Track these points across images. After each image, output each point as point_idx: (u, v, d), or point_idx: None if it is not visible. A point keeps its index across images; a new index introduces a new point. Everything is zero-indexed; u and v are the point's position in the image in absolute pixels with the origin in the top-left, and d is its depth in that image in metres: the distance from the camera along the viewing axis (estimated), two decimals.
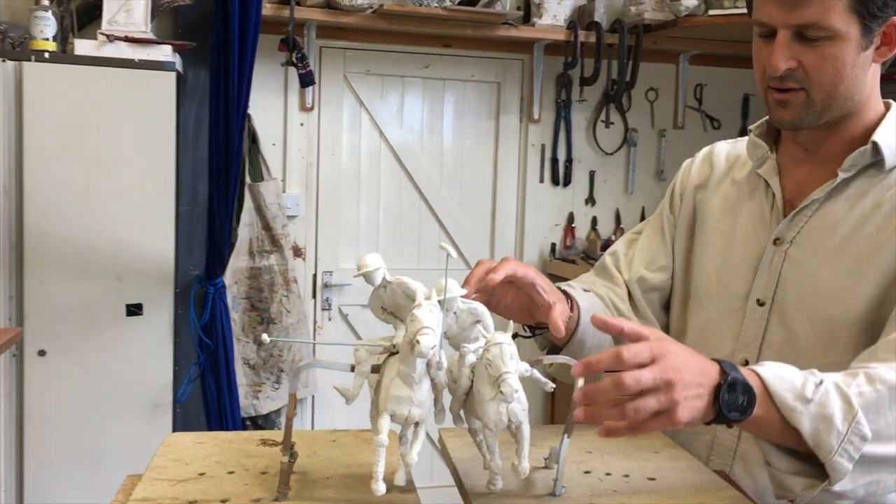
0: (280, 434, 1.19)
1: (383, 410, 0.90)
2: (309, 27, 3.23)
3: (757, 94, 3.86)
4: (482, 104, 3.58)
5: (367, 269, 0.92)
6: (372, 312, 0.97)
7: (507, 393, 0.85)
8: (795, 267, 1.18)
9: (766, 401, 0.94)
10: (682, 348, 0.92)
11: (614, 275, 1.39)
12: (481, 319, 0.95)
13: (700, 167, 1.38)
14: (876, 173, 1.16)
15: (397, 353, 0.95)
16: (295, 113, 3.35)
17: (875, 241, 1.12)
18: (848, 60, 1.10)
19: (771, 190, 1.24)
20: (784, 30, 1.10)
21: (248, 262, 3.23)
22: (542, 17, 3.31)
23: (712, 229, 1.30)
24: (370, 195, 3.51)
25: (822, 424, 0.94)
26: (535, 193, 3.62)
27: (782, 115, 1.15)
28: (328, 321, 3.49)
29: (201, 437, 1.19)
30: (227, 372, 2.89)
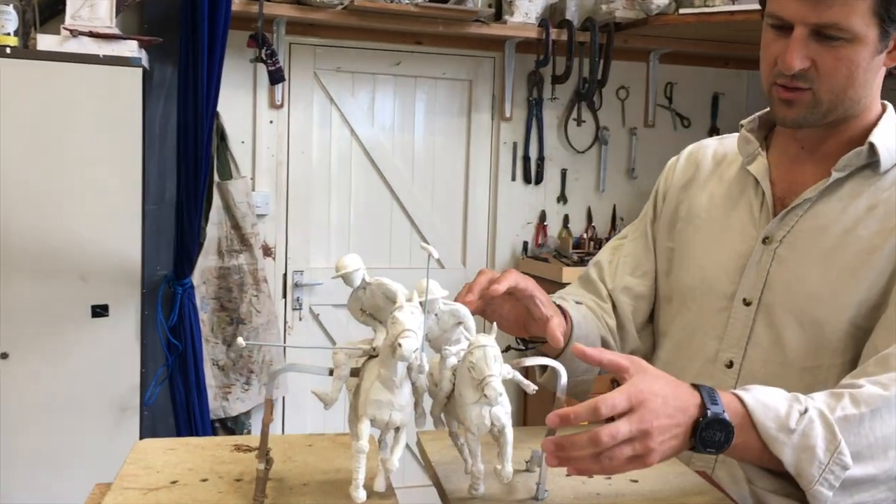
0: (254, 439, 1.16)
1: (363, 415, 0.87)
2: (278, 23, 3.18)
3: (726, 93, 3.88)
4: (454, 102, 3.56)
5: (346, 270, 0.89)
6: (351, 314, 0.94)
7: (492, 397, 0.83)
8: (784, 267, 1.16)
9: (749, 429, 0.93)
10: (662, 384, 0.91)
11: (599, 288, 1.37)
12: (463, 321, 0.93)
13: (685, 166, 1.36)
14: (870, 175, 1.14)
15: (376, 356, 0.92)
16: (264, 110, 3.30)
17: (867, 244, 1.10)
18: (862, 64, 1.08)
19: (761, 188, 1.22)
20: (802, 27, 1.06)
21: (217, 262, 3.18)
22: (514, 14, 3.30)
23: (698, 228, 1.28)
24: (341, 193, 3.48)
25: (804, 455, 0.93)
26: (507, 191, 3.61)
27: (786, 113, 1.13)
28: (299, 321, 3.44)
29: (172, 443, 1.15)
30: (195, 374, 2.84)
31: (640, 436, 0.86)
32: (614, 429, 0.85)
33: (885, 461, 0.97)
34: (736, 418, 0.93)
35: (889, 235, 1.09)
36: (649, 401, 0.88)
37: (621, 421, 0.86)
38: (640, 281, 1.35)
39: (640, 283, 1.35)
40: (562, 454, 0.87)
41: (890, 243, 1.08)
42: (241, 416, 3.26)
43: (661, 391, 0.89)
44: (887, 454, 0.97)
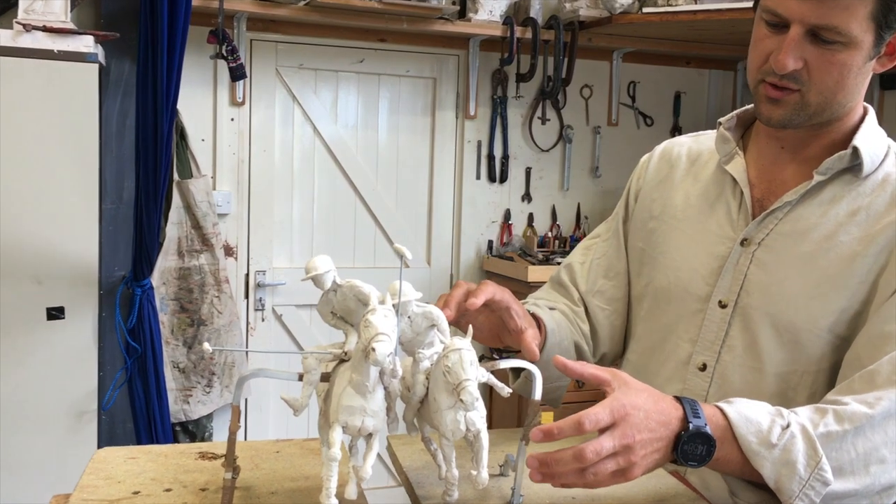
0: (218, 446, 1.13)
1: (335, 422, 0.85)
2: (239, 19, 3.12)
3: (688, 92, 3.91)
4: (418, 100, 3.54)
5: (317, 272, 0.86)
6: (321, 318, 0.91)
7: (468, 402, 0.81)
8: (762, 270, 1.13)
9: (731, 442, 0.94)
10: (645, 398, 0.91)
11: (571, 292, 1.35)
12: (436, 323, 0.90)
13: (658, 164, 1.33)
14: (851, 178, 1.12)
15: (347, 360, 0.90)
16: (225, 107, 3.24)
17: (848, 250, 1.08)
18: (854, 69, 1.06)
19: (739, 188, 1.19)
20: (799, 26, 1.03)
21: (177, 263, 3.11)
22: (478, 12, 3.28)
23: (673, 228, 1.25)
24: (304, 192, 3.43)
25: (785, 470, 0.94)
26: (471, 190, 3.59)
27: (772, 112, 1.10)
28: (261, 322, 3.39)
29: (133, 451, 1.11)
30: (155, 377, 2.77)
31: (622, 450, 0.87)
32: (598, 445, 0.85)
33: (866, 476, 0.97)
34: (717, 431, 0.93)
35: (870, 243, 1.07)
36: (632, 415, 0.88)
37: (604, 436, 0.86)
38: (614, 283, 1.33)
39: (613, 285, 1.33)
40: (546, 470, 0.87)
41: (871, 251, 1.07)
42: (202, 419, 3.20)
43: (644, 405, 0.89)
44: (868, 469, 0.97)
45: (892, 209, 1.08)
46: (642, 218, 1.31)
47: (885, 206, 1.08)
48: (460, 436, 0.88)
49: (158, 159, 2.45)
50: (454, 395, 0.85)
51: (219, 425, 3.30)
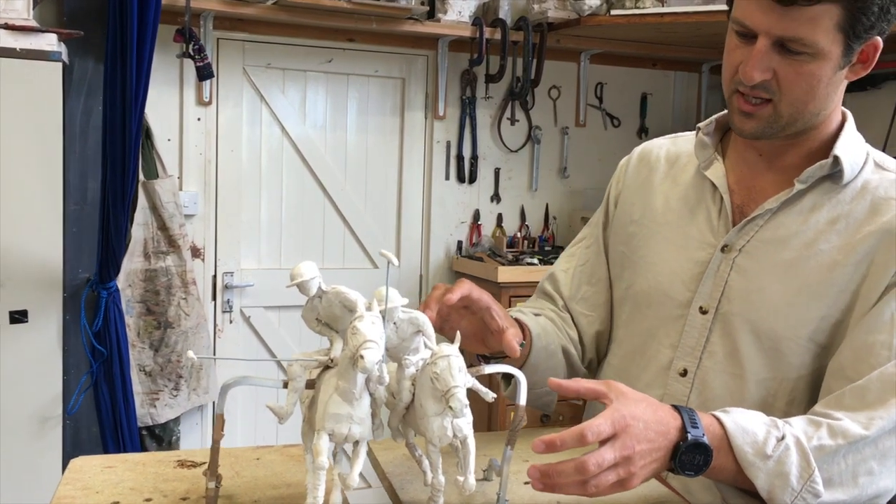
0: (197, 454, 1.12)
1: (321, 430, 0.84)
2: (205, 17, 3.09)
3: (654, 93, 3.94)
4: (386, 100, 3.52)
5: (302, 278, 0.85)
6: (306, 324, 0.90)
7: (457, 408, 0.81)
8: (743, 277, 1.13)
9: (727, 451, 0.95)
10: (643, 408, 0.92)
11: (556, 300, 1.35)
12: (422, 329, 0.90)
13: (637, 167, 1.33)
14: (831, 186, 1.12)
15: (332, 367, 0.89)
16: (191, 107, 3.20)
17: (828, 259, 1.08)
18: (824, 78, 1.05)
19: (719, 193, 1.19)
20: (766, 38, 1.04)
21: (144, 264, 3.06)
22: (448, 12, 3.28)
23: (653, 232, 1.25)
24: (272, 193, 3.40)
25: (778, 481, 0.95)
26: (440, 190, 3.59)
27: (745, 124, 1.11)
28: (229, 324, 3.36)
29: (109, 460, 1.09)
30: (122, 381, 2.73)
31: (623, 461, 0.88)
32: (600, 457, 0.87)
33: (854, 487, 0.99)
34: (714, 441, 0.94)
35: (851, 252, 1.07)
36: (632, 426, 0.89)
37: (605, 448, 0.88)
38: (596, 289, 1.33)
39: (595, 290, 1.33)
40: (547, 481, 0.88)
41: (851, 260, 1.07)
42: (169, 422, 3.16)
43: (643, 415, 0.91)
44: (857, 480, 0.99)
45: (871, 218, 1.08)
46: (623, 222, 1.31)
47: (865, 215, 1.09)
48: (447, 442, 0.88)
49: (127, 160, 2.41)
50: (442, 401, 0.85)
51: (186, 429, 3.26)
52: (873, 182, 1.12)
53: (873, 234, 1.07)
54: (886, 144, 3.12)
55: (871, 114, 3.21)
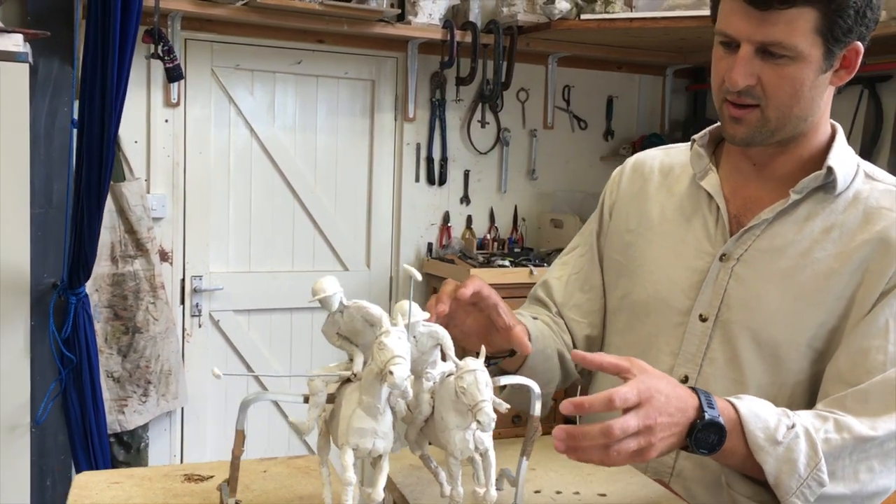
0: (203, 467, 1.11)
1: (345, 444, 0.84)
2: (174, 18, 3.04)
3: (620, 96, 4.00)
4: (356, 102, 3.51)
5: (325, 293, 0.85)
6: (326, 339, 0.90)
7: (485, 422, 0.81)
8: (741, 285, 1.16)
9: (739, 435, 0.99)
10: (665, 384, 0.95)
11: (549, 306, 1.37)
12: (442, 342, 0.91)
13: (631, 177, 1.35)
14: (824, 196, 1.15)
15: (350, 381, 0.89)
16: (159, 108, 3.15)
17: (825, 267, 1.11)
18: (807, 82, 1.09)
19: (715, 203, 1.22)
20: (748, 45, 1.07)
21: (111, 269, 3.01)
22: (418, 15, 3.28)
23: (650, 241, 1.27)
24: (241, 195, 3.36)
25: (786, 467, 0.99)
26: (410, 192, 3.59)
27: (736, 130, 1.14)
28: (198, 328, 3.31)
29: (114, 475, 1.08)
30: (92, 388, 2.67)
31: (645, 431, 0.91)
32: (624, 423, 0.90)
33: (855, 483, 1.03)
34: (728, 424, 0.97)
35: (846, 260, 1.11)
36: (655, 398, 0.92)
37: (630, 415, 0.90)
38: (589, 296, 1.35)
39: (588, 298, 1.35)
40: (572, 443, 0.90)
41: (847, 268, 1.10)
42: (138, 429, 3.11)
43: (665, 390, 0.94)
44: (858, 476, 1.03)
45: (864, 227, 1.12)
46: (618, 231, 1.33)
47: (858, 224, 1.13)
48: (469, 454, 0.88)
49: (103, 163, 2.36)
50: (464, 414, 0.85)
51: (154, 435, 3.22)
52: (864, 192, 1.16)
53: (867, 242, 1.11)
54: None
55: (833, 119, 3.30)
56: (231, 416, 3.35)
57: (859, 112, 3.22)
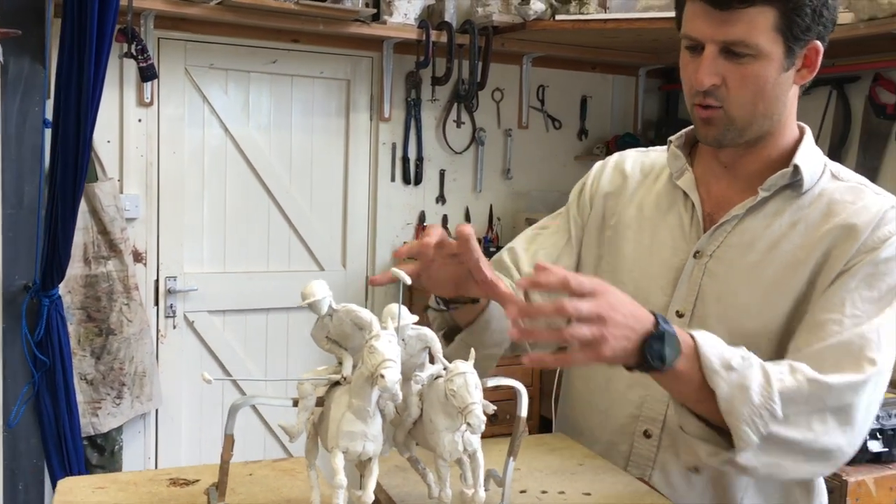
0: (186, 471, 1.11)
1: (335, 447, 0.84)
2: (146, 17, 3.02)
3: (593, 96, 4.02)
4: (331, 101, 3.50)
5: (314, 297, 0.86)
6: (315, 343, 0.90)
7: (475, 425, 0.82)
8: (715, 280, 1.20)
9: (693, 359, 1.00)
10: (623, 296, 0.98)
11: (513, 273, 1.36)
12: (430, 345, 0.91)
13: (612, 175, 1.37)
14: (791, 194, 1.19)
15: (339, 384, 0.90)
16: (132, 108, 3.12)
17: (791, 258, 1.16)
18: (769, 79, 1.12)
19: (690, 201, 1.25)
20: (711, 45, 1.11)
21: (84, 270, 2.98)
22: (393, 15, 3.28)
23: (628, 239, 1.30)
24: (215, 195, 3.34)
25: (739, 392, 1.00)
26: (386, 192, 3.59)
27: (706, 132, 1.17)
28: (173, 329, 3.29)
29: (98, 480, 1.07)
30: (65, 390, 2.65)
31: (597, 320, 0.93)
32: (577, 302, 0.92)
33: (808, 431, 1.03)
34: (684, 347, 1.00)
35: (811, 250, 1.15)
36: (611, 293, 0.95)
37: (583, 301, 0.93)
38: None
39: None
40: (525, 316, 0.93)
41: (812, 257, 1.15)
42: (112, 431, 3.08)
43: (622, 297, 0.97)
44: (811, 425, 1.03)
45: (828, 218, 1.16)
46: (597, 225, 1.35)
47: (821, 217, 1.17)
48: (457, 456, 0.89)
49: (79, 163, 2.34)
50: (454, 417, 0.86)
51: (129, 437, 3.19)
52: (829, 189, 1.20)
53: (830, 231, 1.15)
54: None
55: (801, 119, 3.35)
56: (206, 418, 3.35)
57: (828, 112, 3.27)
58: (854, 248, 1.12)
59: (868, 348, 1.07)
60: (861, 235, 1.12)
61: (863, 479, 2.28)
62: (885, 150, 3.11)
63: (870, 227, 1.13)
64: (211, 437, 3.33)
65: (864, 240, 1.12)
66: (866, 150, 3.16)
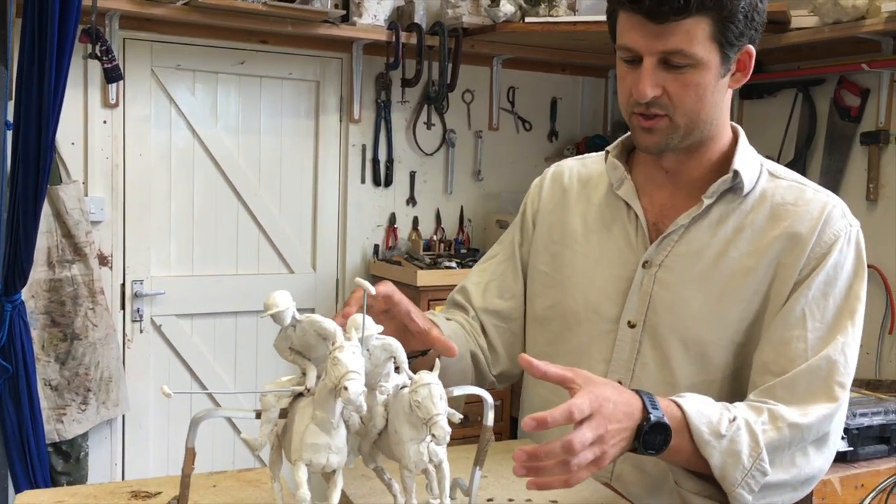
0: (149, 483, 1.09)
1: (298, 460, 0.83)
2: (111, 17, 2.98)
3: (563, 98, 4.04)
4: (301, 103, 3.48)
5: (277, 308, 0.84)
6: (279, 354, 0.89)
7: (440, 436, 0.82)
8: (665, 290, 1.20)
9: (684, 432, 1.02)
10: (611, 390, 0.97)
11: (467, 309, 1.38)
12: (395, 355, 0.90)
13: (551, 188, 1.38)
14: (733, 198, 1.20)
15: (303, 395, 0.88)
16: (97, 109, 3.08)
17: (740, 265, 1.17)
18: (709, 87, 1.14)
19: (633, 212, 1.25)
20: (650, 57, 1.11)
21: (48, 274, 2.93)
22: (363, 16, 3.27)
23: (575, 252, 1.30)
24: (182, 197, 3.30)
25: (731, 459, 1.04)
26: (356, 194, 3.57)
27: (647, 140, 1.18)
28: (139, 333, 3.25)
29: (58, 493, 1.05)
30: (29, 397, 2.60)
31: (598, 440, 0.94)
32: (582, 435, 0.92)
33: (793, 468, 1.08)
34: (673, 422, 1.01)
35: (759, 257, 1.16)
36: (604, 406, 0.95)
37: (584, 427, 0.93)
38: (510, 304, 1.36)
39: (509, 305, 1.36)
40: (534, 463, 0.92)
41: (761, 264, 1.16)
42: (77, 438, 3.03)
43: (612, 397, 0.97)
44: (795, 461, 1.09)
45: (773, 224, 1.18)
46: (543, 243, 1.35)
47: (766, 222, 1.19)
48: (423, 467, 0.88)
49: (41, 166, 2.29)
50: (419, 427, 0.85)
51: (94, 444, 3.14)
52: (769, 190, 1.22)
53: (777, 238, 1.17)
54: (782, 150, 3.30)
55: (768, 121, 3.39)
56: (174, 423, 3.31)
57: (794, 114, 3.31)
58: (803, 257, 1.15)
59: (836, 372, 1.12)
60: (808, 244, 1.15)
61: (828, 479, 2.31)
62: (849, 152, 3.16)
63: (815, 232, 1.15)
64: (178, 443, 3.28)
65: (812, 247, 1.15)
66: (831, 152, 3.20)
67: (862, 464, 2.40)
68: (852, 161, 3.15)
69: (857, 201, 3.02)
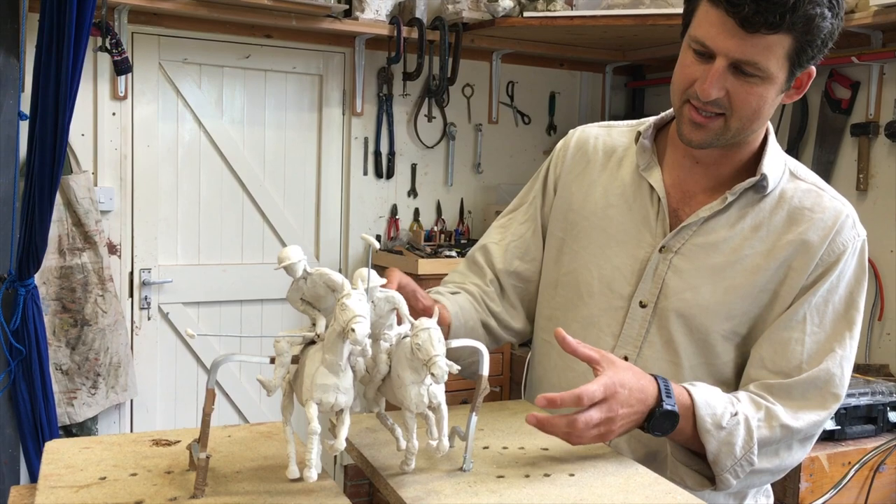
0: (169, 433, 1.17)
1: (309, 399, 0.91)
2: (120, 11, 3.05)
3: (561, 92, 4.10)
4: (304, 96, 3.56)
5: (289, 261, 0.92)
6: (290, 304, 0.97)
7: (439, 375, 0.89)
8: (678, 277, 1.25)
9: (689, 418, 1.14)
10: (630, 376, 1.08)
11: (485, 272, 1.42)
12: (398, 306, 0.98)
13: (575, 156, 1.39)
14: (753, 196, 1.26)
15: (314, 342, 0.96)
16: (106, 101, 3.16)
17: (752, 263, 1.23)
18: (769, 100, 1.17)
19: (657, 195, 1.29)
20: (723, 59, 1.13)
21: (59, 261, 3.01)
22: (365, 11, 3.35)
23: (594, 225, 1.33)
24: (189, 188, 3.39)
25: (725, 448, 1.16)
26: (358, 186, 3.65)
27: (694, 135, 1.20)
28: (147, 321, 3.33)
29: (85, 442, 1.13)
30: (41, 379, 2.68)
31: (605, 422, 1.05)
32: (588, 417, 1.04)
33: (776, 459, 1.22)
34: (681, 409, 1.12)
35: (772, 257, 1.23)
36: (619, 393, 1.06)
37: (594, 410, 1.04)
38: (529, 266, 1.41)
39: (528, 267, 1.41)
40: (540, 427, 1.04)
41: (772, 265, 1.23)
42: (87, 421, 3.12)
43: (628, 383, 1.08)
44: (779, 454, 1.22)
45: (789, 227, 1.24)
46: (562, 209, 1.39)
47: (783, 225, 1.24)
48: (423, 408, 0.96)
49: (57, 154, 2.38)
50: (420, 371, 0.93)
51: (104, 427, 3.22)
52: (789, 192, 1.27)
53: (791, 242, 1.23)
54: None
55: None
56: (180, 408, 3.39)
57: (786, 107, 3.39)
58: (812, 264, 1.22)
59: (833, 384, 1.22)
60: (818, 252, 1.22)
61: (816, 456, 2.39)
62: (840, 144, 3.23)
63: (826, 242, 1.22)
64: (187, 417, 3.37)
65: (821, 255, 1.22)
66: (822, 144, 3.28)
67: (849, 442, 2.48)
68: (843, 152, 3.22)
69: (847, 191, 3.09)
